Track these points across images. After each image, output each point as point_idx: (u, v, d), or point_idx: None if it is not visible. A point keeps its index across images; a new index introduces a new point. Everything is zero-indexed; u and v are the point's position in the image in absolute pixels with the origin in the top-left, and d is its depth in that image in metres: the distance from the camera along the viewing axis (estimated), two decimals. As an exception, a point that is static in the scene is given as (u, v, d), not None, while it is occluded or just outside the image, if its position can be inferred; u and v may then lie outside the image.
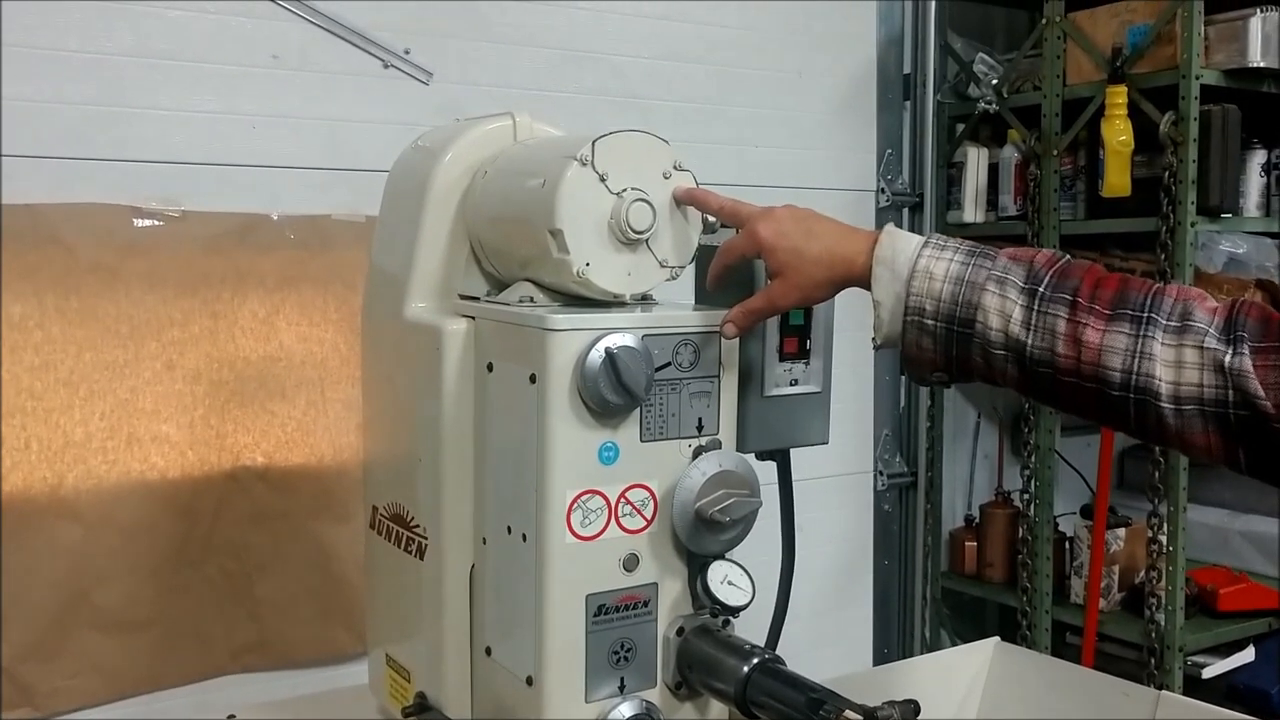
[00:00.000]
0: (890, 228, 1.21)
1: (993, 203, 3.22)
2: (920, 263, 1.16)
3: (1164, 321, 1.07)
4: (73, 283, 2.18)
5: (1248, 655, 2.98)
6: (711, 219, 1.32)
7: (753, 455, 1.36)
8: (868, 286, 1.19)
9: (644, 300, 1.32)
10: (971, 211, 3.24)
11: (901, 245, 1.18)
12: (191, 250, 2.29)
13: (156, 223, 2.26)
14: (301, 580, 2.43)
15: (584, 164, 1.23)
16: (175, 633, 2.32)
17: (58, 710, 2.22)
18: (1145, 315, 1.08)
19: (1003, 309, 1.12)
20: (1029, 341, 1.11)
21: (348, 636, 2.43)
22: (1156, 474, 2.82)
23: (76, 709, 2.24)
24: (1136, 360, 1.07)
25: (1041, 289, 1.12)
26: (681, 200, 1.29)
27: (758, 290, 1.28)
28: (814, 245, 1.22)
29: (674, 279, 1.31)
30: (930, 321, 1.15)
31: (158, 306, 2.26)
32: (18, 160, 2.13)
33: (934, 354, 1.16)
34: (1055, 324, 1.10)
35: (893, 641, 3.45)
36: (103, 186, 2.22)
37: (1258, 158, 2.93)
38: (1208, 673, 2.93)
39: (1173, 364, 1.06)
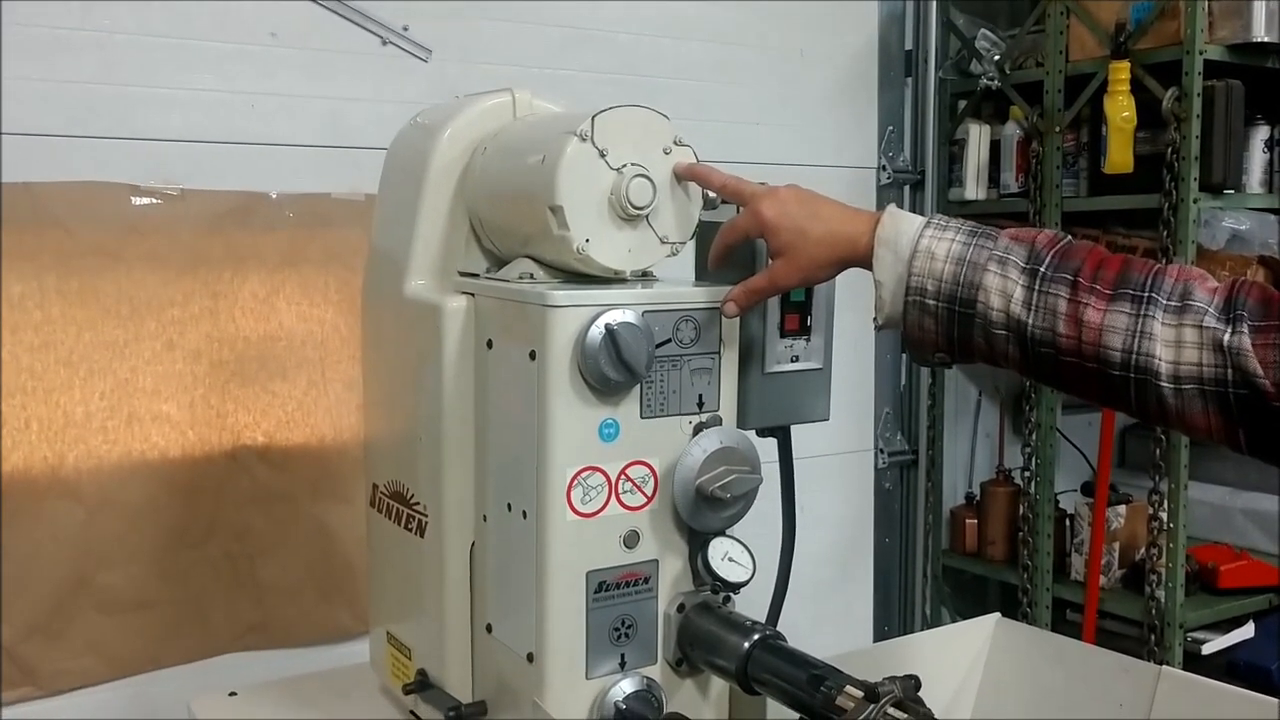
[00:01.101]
0: (892, 208, 1.21)
1: (994, 180, 3.21)
2: (922, 243, 1.15)
3: (1164, 301, 1.07)
4: (72, 262, 2.18)
5: (1248, 632, 2.98)
6: (712, 195, 1.32)
7: (753, 432, 1.36)
8: (869, 267, 1.19)
9: (644, 277, 1.32)
10: (973, 189, 3.23)
11: (904, 226, 1.18)
12: (191, 229, 2.29)
13: (155, 201, 2.26)
14: (303, 561, 2.43)
15: (584, 140, 1.22)
16: (177, 613, 2.32)
17: (60, 689, 2.23)
18: (1146, 295, 1.08)
19: (1004, 289, 1.12)
20: (1030, 322, 1.11)
21: (349, 617, 2.43)
22: (1158, 451, 2.82)
23: (78, 688, 2.24)
24: (1137, 340, 1.07)
25: (1043, 269, 1.12)
26: (683, 176, 1.28)
27: (759, 270, 1.28)
28: (817, 226, 1.21)
29: (674, 255, 1.31)
30: (932, 302, 1.15)
31: (157, 286, 2.26)
32: (15, 139, 2.12)
33: (935, 334, 1.16)
34: (1056, 304, 1.10)
35: (893, 620, 3.45)
36: (101, 165, 2.21)
37: (1261, 134, 2.91)
38: (1208, 649, 2.93)
39: (1172, 343, 1.06)
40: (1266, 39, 2.71)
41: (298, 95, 2.41)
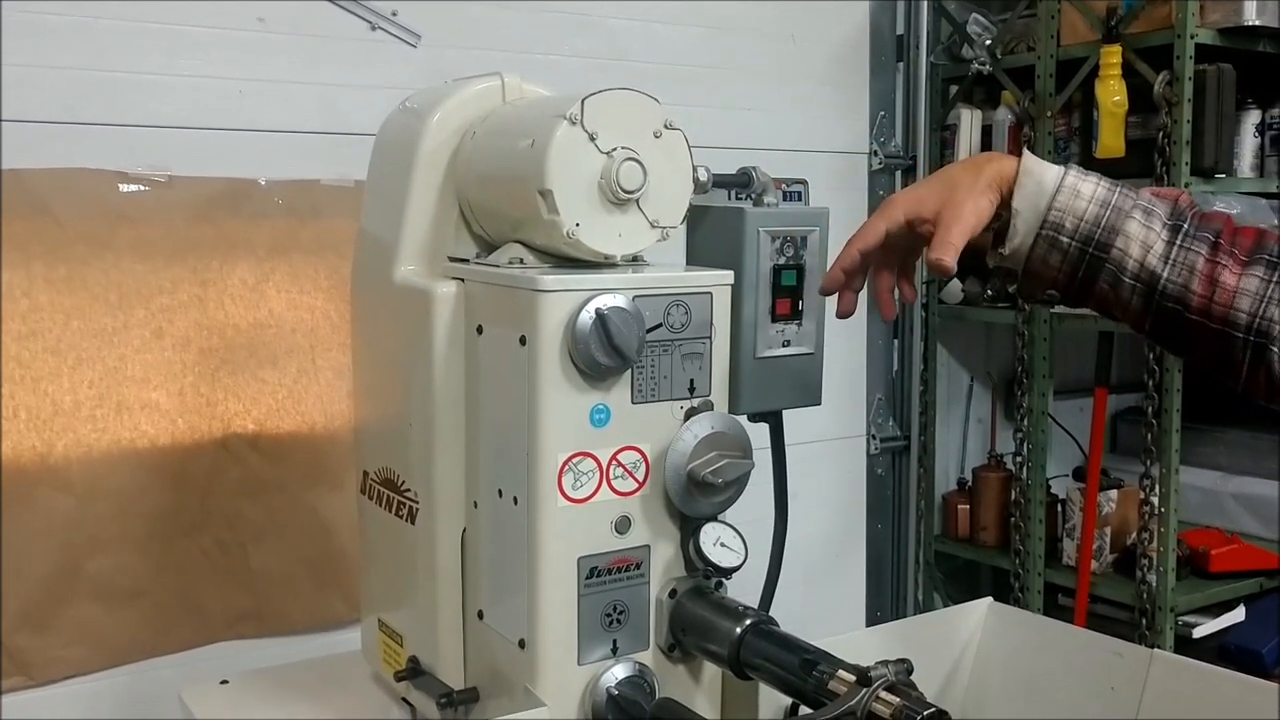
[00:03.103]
0: (1027, 152, 1.20)
1: (986, 165, 3.20)
2: (1068, 180, 1.15)
3: None
4: (60, 250, 2.16)
5: (1238, 615, 2.99)
6: (704, 180, 1.32)
7: (745, 417, 1.35)
8: (1009, 201, 1.17)
9: (635, 261, 1.31)
10: (965, 174, 3.22)
11: (1045, 163, 1.18)
12: (179, 216, 2.27)
13: (143, 188, 2.24)
14: (296, 549, 2.43)
15: (573, 123, 1.22)
16: (169, 602, 2.32)
17: (52, 679, 2.22)
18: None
19: (1145, 239, 1.13)
20: (1165, 275, 1.12)
21: (343, 604, 2.42)
22: (1149, 436, 2.82)
23: (70, 677, 2.24)
24: (1264, 305, 1.09)
25: (1185, 226, 1.13)
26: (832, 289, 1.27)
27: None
28: (952, 170, 1.21)
29: (665, 239, 1.30)
30: (1066, 239, 1.14)
31: (146, 273, 2.24)
32: (3, 125, 2.11)
33: (1059, 272, 1.16)
34: (1195, 261, 1.12)
35: (886, 605, 3.46)
36: (89, 152, 2.19)
37: (1252, 118, 2.91)
38: (1199, 633, 2.94)
39: None
40: (1258, 23, 2.71)
41: (286, 81, 2.39)
